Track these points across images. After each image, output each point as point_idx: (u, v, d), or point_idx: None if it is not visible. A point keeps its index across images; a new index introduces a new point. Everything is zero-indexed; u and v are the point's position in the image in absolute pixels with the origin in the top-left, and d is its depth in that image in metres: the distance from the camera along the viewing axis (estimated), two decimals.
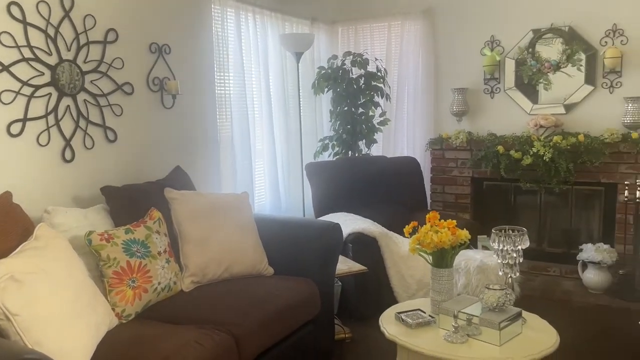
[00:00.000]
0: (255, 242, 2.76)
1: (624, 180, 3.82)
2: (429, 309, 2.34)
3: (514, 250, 2.23)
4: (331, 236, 2.80)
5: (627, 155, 3.87)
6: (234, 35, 3.75)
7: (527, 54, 4.22)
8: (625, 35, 3.95)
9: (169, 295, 2.44)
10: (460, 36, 4.55)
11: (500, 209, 4.53)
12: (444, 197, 4.65)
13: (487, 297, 2.11)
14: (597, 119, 4.06)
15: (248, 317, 2.23)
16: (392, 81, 4.73)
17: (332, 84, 4.40)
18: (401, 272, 3.42)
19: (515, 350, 1.97)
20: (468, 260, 3.27)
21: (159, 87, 3.20)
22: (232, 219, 2.73)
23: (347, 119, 4.47)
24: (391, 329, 2.20)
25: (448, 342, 2.04)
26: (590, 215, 4.26)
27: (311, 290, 2.62)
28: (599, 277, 3.78)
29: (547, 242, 4.42)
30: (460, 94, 4.52)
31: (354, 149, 4.54)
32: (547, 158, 3.93)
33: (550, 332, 2.13)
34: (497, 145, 4.20)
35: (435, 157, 4.64)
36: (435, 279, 2.33)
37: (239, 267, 2.65)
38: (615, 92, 4.02)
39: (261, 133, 4.12)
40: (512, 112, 4.40)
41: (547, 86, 4.18)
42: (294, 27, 4.49)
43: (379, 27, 4.86)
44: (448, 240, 2.26)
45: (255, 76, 4.00)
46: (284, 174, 4.35)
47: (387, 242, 3.46)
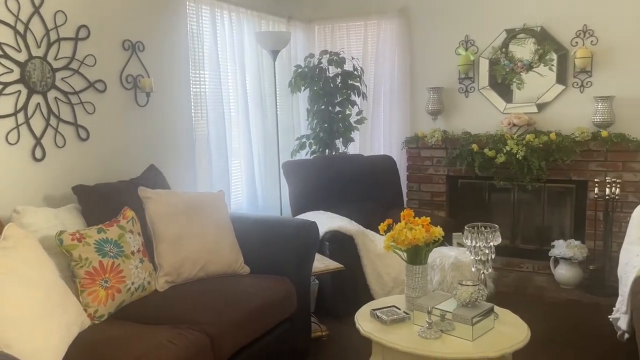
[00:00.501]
0: (231, 241, 2.74)
1: (594, 178, 3.91)
2: (403, 306, 2.36)
3: (486, 247, 2.26)
4: (307, 234, 2.80)
5: (597, 153, 3.96)
6: (210, 32, 3.72)
7: (501, 54, 4.28)
8: (595, 35, 4.04)
9: (143, 295, 2.42)
10: (436, 36, 4.60)
11: (475, 206, 4.60)
12: (420, 195, 4.70)
13: (460, 293, 2.14)
14: (568, 117, 4.15)
15: (223, 316, 2.22)
16: (368, 80, 4.75)
17: (309, 82, 4.41)
18: (377, 270, 3.45)
19: (487, 345, 2.01)
20: (443, 257, 3.31)
21: (132, 85, 3.16)
22: (208, 218, 2.71)
23: (324, 117, 4.47)
24: (366, 325, 2.21)
25: (422, 338, 2.07)
26: (562, 212, 4.35)
27: (287, 288, 2.63)
28: (570, 272, 3.87)
29: (520, 238, 4.50)
30: (435, 93, 4.56)
31: (331, 148, 4.55)
32: (520, 156, 4.00)
33: (522, 326, 2.17)
34: (471, 144, 4.26)
35: (411, 156, 4.68)
36: (409, 276, 2.35)
37: (214, 266, 2.63)
38: (586, 92, 4.11)
39: (237, 131, 4.10)
40: (486, 111, 4.46)
41: (520, 85, 4.26)
42: (271, 25, 4.48)
43: (355, 26, 4.88)
44: (422, 238, 2.28)
45: (231, 74, 3.98)
46: (261, 173, 4.33)
47: (363, 240, 3.49)
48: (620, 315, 2.84)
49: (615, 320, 2.89)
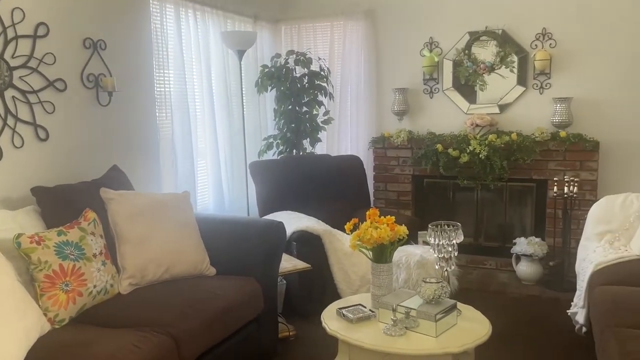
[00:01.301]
0: (197, 242, 2.72)
1: (553, 177, 4.03)
2: (369, 304, 2.38)
3: (449, 245, 2.31)
4: (274, 235, 2.80)
5: (556, 152, 4.08)
6: (174, 31, 3.67)
7: (464, 56, 4.37)
8: (554, 38, 4.17)
9: (106, 299, 2.37)
10: (401, 37, 4.66)
11: (440, 205, 4.68)
12: (386, 195, 4.75)
13: (424, 290, 2.18)
14: (528, 118, 4.27)
15: (188, 318, 2.20)
16: (335, 80, 4.78)
17: (276, 82, 4.40)
18: (345, 269, 3.47)
19: (450, 341, 2.05)
20: (409, 256, 3.36)
21: (94, 84, 3.09)
22: (172, 219, 2.68)
23: (291, 117, 4.48)
24: (332, 324, 2.23)
25: (387, 335, 2.10)
26: (523, 211, 4.48)
27: (254, 289, 2.62)
28: (531, 269, 3.98)
29: (483, 236, 4.60)
30: (400, 93, 4.62)
31: (299, 148, 4.56)
32: (483, 156, 4.09)
33: (484, 322, 2.22)
34: (436, 144, 4.33)
35: (378, 156, 4.73)
36: (375, 274, 2.38)
37: (179, 268, 2.60)
38: (545, 93, 4.24)
39: (203, 132, 4.06)
40: (450, 112, 4.55)
41: (482, 87, 4.36)
42: (237, 25, 4.45)
43: (321, 26, 4.90)
44: (387, 236, 2.31)
45: (196, 74, 3.94)
46: (228, 173, 4.30)
47: (331, 239, 3.50)
48: (578, 310, 2.94)
49: (574, 315, 2.99)
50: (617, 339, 2.00)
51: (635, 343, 1.93)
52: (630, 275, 2.64)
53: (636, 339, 1.97)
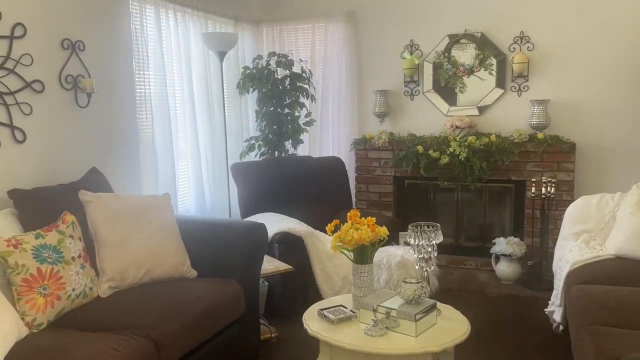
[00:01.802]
0: (177, 244, 2.70)
1: (531, 178, 4.10)
2: (351, 305, 2.40)
3: (429, 245, 2.33)
4: (256, 236, 2.80)
5: (534, 154, 4.15)
6: (154, 33, 3.65)
7: (444, 58, 4.42)
8: (531, 42, 4.24)
9: (85, 302, 2.35)
10: (382, 39, 4.70)
11: (421, 206, 4.72)
12: (368, 196, 4.78)
13: (404, 290, 2.20)
14: (507, 120, 4.33)
15: (168, 321, 2.19)
16: (316, 82, 4.79)
17: (258, 84, 4.40)
18: (327, 270, 3.48)
19: (430, 340, 2.07)
20: (390, 256, 3.38)
21: (72, 85, 3.06)
22: (153, 221, 2.66)
23: (273, 119, 4.48)
24: (314, 325, 2.24)
25: (368, 336, 2.11)
26: (502, 211, 4.54)
27: (235, 291, 2.62)
28: (510, 268, 4.04)
29: (464, 237, 4.65)
30: (382, 95, 4.66)
31: (280, 149, 4.56)
32: (463, 157, 4.14)
33: (463, 321, 2.25)
34: (417, 145, 4.37)
35: (359, 157, 4.75)
36: (356, 275, 2.40)
37: (159, 270, 2.59)
38: (523, 95, 4.31)
39: (184, 133, 4.04)
40: (430, 114, 4.59)
41: (462, 89, 4.41)
42: (217, 26, 4.44)
43: (303, 28, 4.91)
44: (368, 237, 2.33)
45: (177, 75, 3.92)
46: (209, 175, 4.28)
47: (313, 240, 3.51)
48: (555, 308, 3.00)
49: (551, 313, 3.04)
50: (592, 336, 2.04)
51: (609, 340, 1.98)
52: (605, 274, 2.70)
53: (610, 336, 2.02)
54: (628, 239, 2.83)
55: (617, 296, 2.38)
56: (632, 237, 2.82)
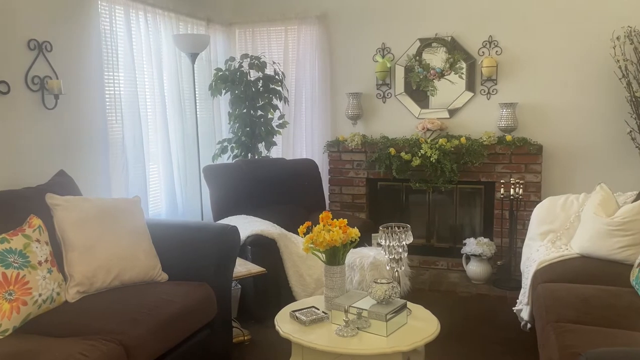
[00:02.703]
0: (148, 248, 2.68)
1: (500, 179, 4.19)
2: (323, 306, 2.41)
3: (399, 246, 2.37)
4: (228, 239, 2.79)
5: (503, 156, 4.24)
6: (124, 33, 3.60)
7: (415, 62, 4.48)
8: (500, 46, 4.34)
9: (52, 307, 2.30)
10: (354, 42, 4.73)
11: (394, 207, 4.77)
12: (341, 198, 4.80)
13: (375, 291, 2.22)
14: (476, 123, 4.42)
15: (138, 325, 2.16)
16: (290, 84, 4.80)
17: (230, 86, 4.39)
18: (300, 272, 3.49)
19: (400, 340, 2.10)
20: (362, 258, 3.41)
21: (39, 87, 3.00)
22: (122, 224, 2.63)
23: (246, 121, 4.47)
24: (286, 327, 2.24)
25: (339, 336, 2.13)
26: (473, 212, 4.62)
27: (207, 294, 2.60)
28: (480, 268, 4.11)
29: (435, 237, 4.72)
30: (354, 98, 4.69)
31: (254, 152, 4.55)
32: (434, 159, 4.20)
33: (433, 320, 2.28)
34: (389, 148, 4.42)
35: (333, 159, 4.77)
36: (328, 276, 2.41)
37: (129, 274, 2.55)
38: (492, 99, 4.40)
39: (155, 135, 3.99)
40: (402, 116, 4.65)
41: (433, 92, 4.48)
42: (189, 28, 4.41)
43: (276, 30, 4.91)
44: (339, 239, 2.35)
45: (148, 76, 3.87)
46: (181, 178, 4.24)
47: (286, 242, 3.51)
48: (523, 307, 3.07)
49: (519, 312, 3.11)
50: (557, 333, 2.10)
51: (573, 337, 2.03)
52: (570, 273, 2.78)
53: (574, 332, 2.08)
54: (591, 238, 2.92)
55: (581, 294, 2.45)
56: (595, 236, 2.90)
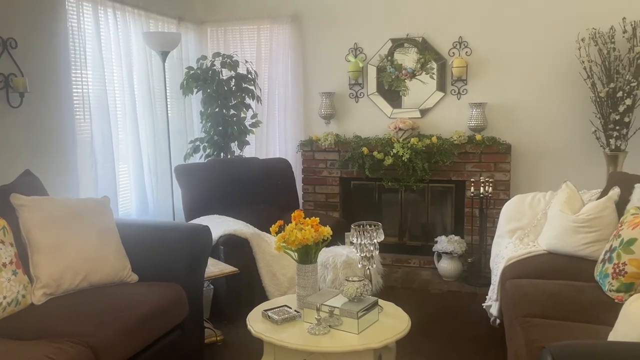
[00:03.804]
0: (117, 249, 2.63)
1: (470, 178, 4.26)
2: (295, 305, 2.41)
3: (370, 244, 2.38)
4: (199, 239, 2.76)
5: (473, 155, 4.31)
6: (92, 31, 3.54)
7: (387, 62, 4.52)
8: (469, 47, 4.41)
9: (18, 310, 2.25)
10: (326, 42, 4.75)
11: (367, 206, 4.81)
12: (315, 197, 4.81)
13: (347, 289, 2.24)
14: (447, 122, 4.48)
15: (107, 327, 2.13)
16: (262, 84, 4.79)
17: (202, 84, 4.35)
18: (273, 271, 3.48)
19: (371, 337, 2.12)
20: (335, 256, 3.42)
21: (3, 85, 2.92)
22: (91, 225, 2.58)
23: (218, 120, 4.44)
24: (258, 326, 2.24)
25: (311, 335, 2.13)
26: (444, 210, 4.69)
27: (178, 295, 2.57)
28: (451, 265, 4.17)
29: (408, 236, 4.77)
30: (327, 97, 4.71)
31: (226, 151, 4.52)
32: (406, 158, 4.25)
33: (403, 317, 2.31)
34: (362, 147, 4.44)
35: (306, 159, 4.78)
36: (300, 275, 2.41)
37: (98, 276, 2.51)
38: (462, 99, 4.47)
39: (125, 134, 3.93)
40: (374, 116, 4.68)
41: (404, 92, 4.53)
42: (160, 26, 4.35)
43: (248, 29, 4.89)
44: (311, 237, 2.36)
45: (117, 75, 3.81)
46: (152, 177, 4.19)
47: (259, 242, 3.50)
48: (492, 303, 3.13)
49: (488, 308, 3.17)
50: (523, 328, 2.15)
51: (539, 331, 2.08)
52: (537, 269, 2.84)
53: (540, 327, 2.13)
54: (558, 235, 2.99)
55: (548, 289, 2.51)
56: (561, 233, 2.97)
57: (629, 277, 2.30)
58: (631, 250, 2.32)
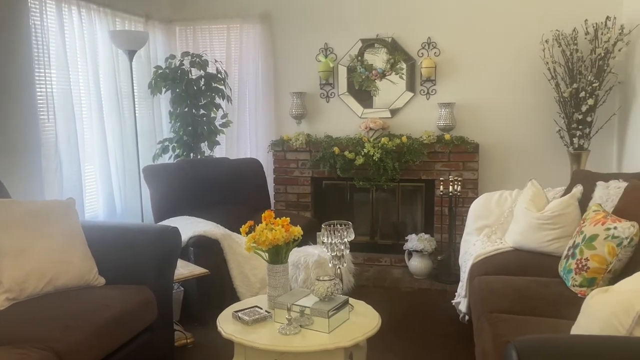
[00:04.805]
0: (83, 251, 2.58)
1: (440, 177, 4.32)
2: (266, 305, 2.41)
3: (341, 243, 2.39)
4: (168, 240, 2.73)
5: (442, 154, 4.38)
6: (56, 29, 3.46)
7: (357, 62, 4.55)
8: (438, 47, 4.47)
9: None
10: (297, 42, 4.75)
11: (338, 206, 4.82)
12: (286, 197, 4.81)
13: (317, 288, 2.24)
14: (417, 122, 4.53)
15: (72, 331, 2.08)
16: (232, 83, 4.75)
17: (171, 84, 4.30)
18: (244, 272, 3.46)
19: (342, 336, 2.12)
20: (307, 256, 3.43)
21: None
22: (55, 228, 2.52)
23: (188, 120, 4.39)
24: (228, 327, 2.22)
25: (282, 335, 2.13)
26: (414, 209, 4.74)
27: (146, 297, 2.53)
28: (421, 263, 4.22)
29: (379, 235, 4.81)
30: (298, 97, 4.71)
31: (196, 151, 4.48)
32: (377, 158, 4.28)
33: (374, 315, 2.32)
34: (333, 147, 4.46)
35: (277, 159, 4.77)
36: (271, 275, 2.41)
37: (64, 279, 2.45)
38: (431, 99, 4.53)
39: (91, 134, 3.85)
40: (345, 116, 4.71)
41: (375, 92, 4.56)
42: (127, 24, 4.28)
43: (218, 28, 4.85)
44: (282, 237, 2.35)
45: (82, 74, 3.73)
46: (119, 179, 4.12)
47: (230, 243, 3.48)
48: (461, 300, 3.18)
49: (457, 304, 3.22)
50: (490, 323, 2.19)
51: (505, 326, 2.13)
52: (504, 266, 2.89)
53: (507, 322, 2.17)
54: (524, 232, 3.06)
55: (514, 285, 2.56)
56: (527, 230, 3.04)
57: (592, 272, 2.37)
58: (593, 246, 2.39)
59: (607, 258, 2.33)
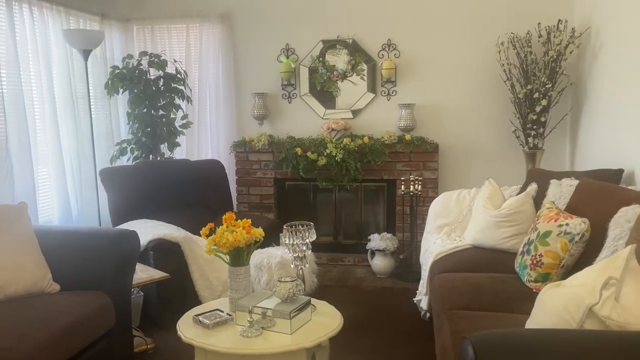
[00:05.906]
0: (36, 257, 2.49)
1: (401, 177, 4.37)
2: (227, 308, 2.38)
3: (303, 244, 2.39)
4: (126, 245, 2.67)
5: (402, 154, 4.43)
6: (6, 28, 3.33)
7: (319, 63, 4.56)
8: (398, 49, 4.53)
9: None
10: (258, 42, 4.72)
11: (302, 207, 4.82)
12: (249, 199, 4.77)
13: (279, 289, 2.23)
14: (378, 123, 4.58)
15: (25, 340, 2.01)
16: (192, 84, 4.69)
17: (128, 84, 4.20)
18: (206, 275, 3.42)
19: (304, 336, 2.12)
20: (270, 257, 3.41)
21: None
22: (6, 233, 2.43)
23: (147, 121, 4.30)
24: (188, 332, 2.19)
25: (244, 337, 2.11)
26: (377, 209, 4.79)
27: (103, 303, 2.47)
28: (384, 262, 4.27)
29: (342, 234, 4.83)
30: (260, 98, 4.68)
31: (156, 153, 4.39)
32: (339, 158, 4.30)
33: (336, 315, 2.33)
34: (295, 148, 4.45)
35: (240, 160, 4.73)
36: (232, 278, 2.38)
37: (15, 286, 2.36)
38: (392, 100, 4.58)
39: (44, 136, 3.73)
40: (307, 117, 4.71)
41: (336, 93, 4.58)
42: (81, 23, 4.16)
43: (177, 28, 4.77)
44: (243, 239, 2.33)
45: (34, 74, 3.61)
46: (75, 182, 4.00)
47: (191, 246, 3.43)
48: (422, 297, 3.23)
49: (419, 302, 3.27)
50: (450, 320, 2.23)
51: (464, 322, 2.17)
52: (463, 263, 2.96)
53: (465, 318, 2.22)
54: (482, 229, 3.13)
55: (472, 282, 2.62)
56: (485, 228, 3.12)
57: (546, 267, 2.44)
58: (547, 242, 2.46)
59: (560, 254, 2.41)
